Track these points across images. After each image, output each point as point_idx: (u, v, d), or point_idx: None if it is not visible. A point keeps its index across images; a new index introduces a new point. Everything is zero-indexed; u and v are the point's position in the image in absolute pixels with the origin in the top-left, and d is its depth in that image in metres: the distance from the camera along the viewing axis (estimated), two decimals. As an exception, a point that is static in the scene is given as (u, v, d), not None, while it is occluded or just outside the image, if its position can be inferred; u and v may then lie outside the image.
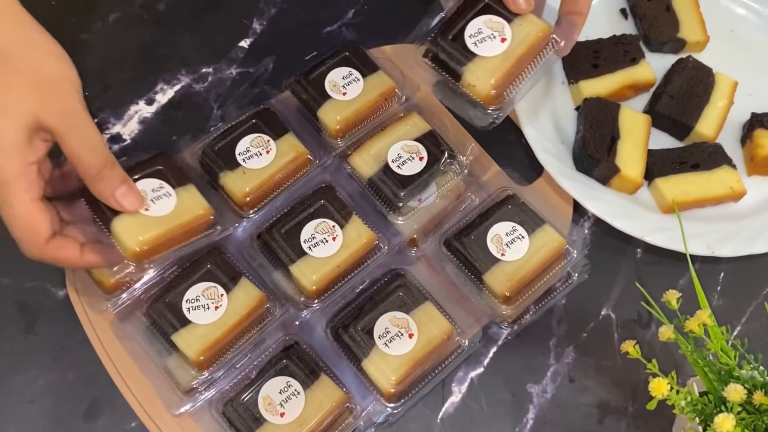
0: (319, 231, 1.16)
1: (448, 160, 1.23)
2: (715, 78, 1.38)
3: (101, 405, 1.12)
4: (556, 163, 1.30)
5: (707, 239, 1.27)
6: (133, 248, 1.05)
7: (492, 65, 1.08)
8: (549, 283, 1.18)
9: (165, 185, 1.11)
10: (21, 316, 1.17)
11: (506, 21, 1.10)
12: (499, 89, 1.08)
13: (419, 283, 1.17)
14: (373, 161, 1.22)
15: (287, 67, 1.39)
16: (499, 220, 1.18)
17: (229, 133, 1.24)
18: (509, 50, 1.09)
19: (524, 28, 1.09)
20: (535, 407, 1.17)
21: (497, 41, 1.09)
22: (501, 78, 1.08)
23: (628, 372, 1.19)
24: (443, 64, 1.10)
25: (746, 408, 0.93)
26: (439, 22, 1.13)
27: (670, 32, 1.45)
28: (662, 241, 1.25)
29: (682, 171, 1.31)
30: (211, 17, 1.47)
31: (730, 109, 1.38)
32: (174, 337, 1.08)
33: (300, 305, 1.15)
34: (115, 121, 1.34)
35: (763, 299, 1.27)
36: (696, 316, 0.95)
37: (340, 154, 1.26)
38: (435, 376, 1.12)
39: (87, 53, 1.41)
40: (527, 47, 1.09)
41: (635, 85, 1.40)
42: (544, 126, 1.35)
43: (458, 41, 1.09)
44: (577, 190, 1.28)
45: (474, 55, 1.08)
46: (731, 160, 1.32)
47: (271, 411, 1.05)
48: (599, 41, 1.42)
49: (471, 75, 1.08)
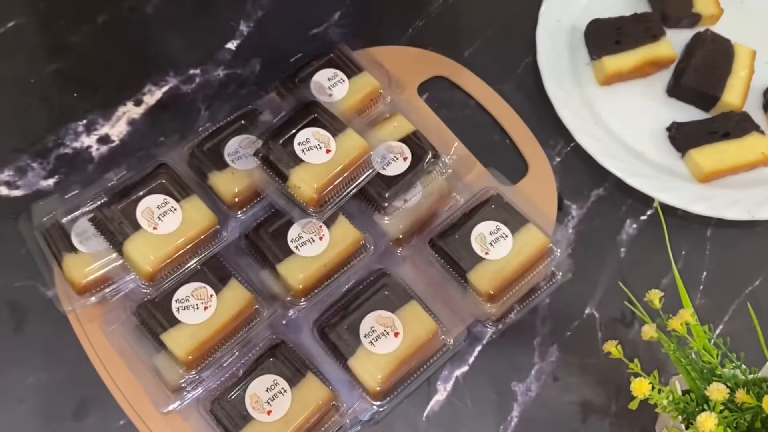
0: (306, 231, 1.17)
1: (432, 160, 1.24)
2: (734, 49, 1.44)
3: (90, 403, 1.13)
4: (595, 143, 1.37)
5: (746, 204, 1.32)
6: (146, 269, 1.09)
7: (317, 171, 1.14)
8: (533, 282, 1.18)
9: (169, 200, 1.13)
10: (10, 315, 1.18)
11: (332, 135, 1.17)
12: (322, 193, 1.14)
13: (405, 282, 1.17)
14: (358, 162, 1.23)
15: (274, 68, 1.40)
16: (483, 219, 1.19)
17: (217, 134, 1.24)
18: (333, 160, 1.15)
19: (347, 144, 1.18)
20: (519, 405, 1.17)
21: (323, 151, 1.15)
22: (324, 184, 1.14)
23: (611, 370, 1.19)
24: (272, 165, 1.15)
25: (728, 406, 0.93)
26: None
27: (685, 8, 1.51)
28: (705, 209, 1.31)
29: (713, 141, 1.36)
30: (198, 19, 1.47)
31: (752, 78, 1.44)
32: (163, 336, 1.08)
33: (287, 304, 1.15)
34: (104, 122, 1.34)
35: (746, 298, 1.27)
36: (679, 315, 0.96)
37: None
38: (420, 375, 1.12)
39: (75, 55, 1.41)
40: (349, 160, 1.17)
41: (656, 61, 1.45)
42: (578, 108, 1.41)
43: (287, 147, 1.16)
44: (619, 168, 1.34)
45: (301, 160, 1.14)
46: (759, 127, 1.37)
47: (258, 409, 1.05)
48: (621, 18, 1.48)
49: (297, 177, 1.13)
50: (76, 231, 1.15)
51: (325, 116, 1.19)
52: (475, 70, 1.44)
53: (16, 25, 1.44)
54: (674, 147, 1.39)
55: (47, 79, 1.39)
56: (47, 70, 1.40)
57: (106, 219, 1.11)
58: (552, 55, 1.46)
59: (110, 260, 1.12)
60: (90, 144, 1.32)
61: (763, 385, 0.96)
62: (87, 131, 1.34)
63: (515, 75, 1.46)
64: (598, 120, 1.41)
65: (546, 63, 1.44)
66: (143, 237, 1.10)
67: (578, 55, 1.49)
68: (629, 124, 1.41)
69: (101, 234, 1.11)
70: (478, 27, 1.52)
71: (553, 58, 1.45)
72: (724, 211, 1.30)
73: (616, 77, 1.44)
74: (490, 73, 1.44)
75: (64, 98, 1.37)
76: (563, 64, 1.46)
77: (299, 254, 1.15)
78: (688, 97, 1.43)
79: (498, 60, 1.48)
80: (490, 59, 1.48)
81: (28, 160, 1.30)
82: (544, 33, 1.48)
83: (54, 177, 1.29)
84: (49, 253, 1.15)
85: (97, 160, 1.31)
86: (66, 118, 1.35)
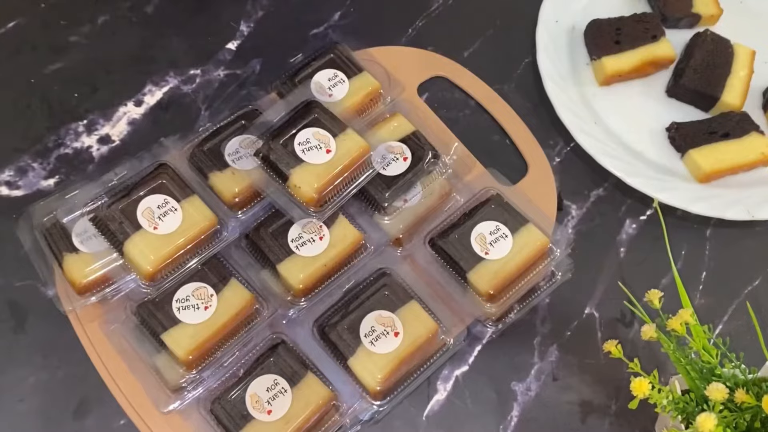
0: (306, 231, 1.17)
1: (432, 160, 1.24)
2: (733, 49, 1.45)
3: (90, 403, 1.13)
4: (594, 144, 1.36)
5: (745, 204, 1.32)
6: (147, 269, 1.09)
7: (317, 171, 1.15)
8: (533, 282, 1.18)
9: (170, 200, 1.13)
10: (11, 315, 1.18)
11: (332, 135, 1.18)
12: (322, 194, 1.14)
13: (405, 282, 1.17)
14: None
15: (274, 68, 1.40)
16: (482, 219, 1.20)
17: (217, 134, 1.25)
18: (333, 160, 1.16)
19: (347, 144, 1.18)
20: (519, 405, 1.17)
21: (323, 151, 1.16)
22: (324, 184, 1.15)
23: (611, 370, 1.19)
24: (272, 165, 1.16)
25: (728, 406, 0.93)
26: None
27: (684, 8, 1.51)
28: (704, 209, 1.31)
29: (713, 141, 1.36)
30: (198, 20, 1.48)
31: (751, 78, 1.44)
32: (163, 336, 1.08)
33: (287, 304, 1.15)
34: (104, 123, 1.35)
35: (745, 298, 1.27)
36: (678, 315, 0.96)
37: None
38: (420, 374, 1.12)
39: (76, 55, 1.41)
40: (349, 160, 1.17)
41: (656, 61, 1.45)
42: (578, 108, 1.41)
43: (288, 147, 1.16)
44: (618, 168, 1.34)
45: (301, 160, 1.14)
46: (759, 127, 1.37)
47: (258, 409, 1.06)
48: (621, 19, 1.48)
49: (297, 177, 1.13)
50: (77, 231, 1.15)
51: (325, 116, 1.19)
52: (475, 70, 1.44)
53: (16, 25, 1.44)
54: (674, 147, 1.39)
55: (47, 79, 1.39)
56: (47, 70, 1.40)
57: (107, 219, 1.11)
58: (552, 55, 1.46)
59: (111, 260, 1.12)
60: (90, 144, 1.33)
61: (763, 385, 0.96)
62: (87, 131, 1.34)
63: (515, 75, 1.46)
64: (597, 120, 1.41)
65: (546, 63, 1.44)
66: (144, 237, 1.10)
67: (578, 56, 1.49)
68: (629, 125, 1.42)
69: (102, 234, 1.12)
70: (478, 27, 1.52)
71: (553, 58, 1.46)
72: (723, 211, 1.30)
73: (615, 77, 1.44)
74: (490, 73, 1.44)
75: (65, 98, 1.37)
76: (563, 64, 1.46)
77: (299, 254, 1.15)
78: (687, 97, 1.44)
79: (498, 60, 1.48)
80: (490, 59, 1.48)
81: (28, 160, 1.30)
82: (544, 33, 1.48)
83: (54, 177, 1.29)
84: (49, 253, 1.15)
85: (97, 160, 1.31)
86: (66, 118, 1.35)
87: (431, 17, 1.52)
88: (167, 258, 1.10)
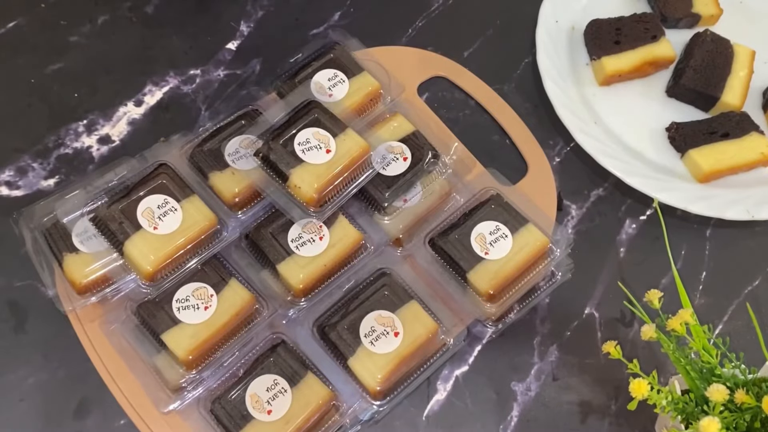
0: (306, 231, 1.17)
1: (432, 160, 1.24)
2: (733, 49, 1.45)
3: (91, 403, 1.13)
4: (594, 143, 1.36)
5: (745, 204, 1.32)
6: (147, 269, 1.09)
7: (317, 171, 1.15)
8: (532, 282, 1.18)
9: (170, 200, 1.13)
10: (11, 314, 1.18)
11: (332, 135, 1.18)
12: (322, 194, 1.14)
13: (405, 282, 1.17)
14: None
15: (274, 68, 1.40)
16: (482, 219, 1.20)
17: (217, 134, 1.25)
18: (333, 160, 1.16)
19: (347, 144, 1.18)
20: (519, 405, 1.18)
21: (323, 151, 1.16)
22: (324, 184, 1.15)
23: (611, 370, 1.19)
24: (272, 165, 1.16)
25: (728, 407, 0.93)
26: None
27: (684, 8, 1.51)
28: (704, 209, 1.31)
29: (712, 141, 1.36)
30: (198, 20, 1.48)
31: (751, 78, 1.44)
32: (163, 336, 1.08)
33: (287, 304, 1.15)
34: (104, 123, 1.35)
35: (745, 298, 1.28)
36: (678, 315, 0.96)
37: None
38: (420, 374, 1.12)
39: (76, 55, 1.42)
40: (349, 160, 1.17)
41: (656, 61, 1.45)
42: (578, 108, 1.41)
43: (288, 147, 1.16)
44: (618, 168, 1.34)
45: (301, 160, 1.15)
46: (758, 127, 1.37)
47: (258, 409, 1.06)
48: (620, 19, 1.48)
49: (297, 177, 1.14)
50: (77, 231, 1.15)
51: (325, 116, 1.19)
52: (475, 70, 1.44)
53: (17, 25, 1.44)
54: (674, 147, 1.39)
55: (47, 79, 1.39)
56: (47, 70, 1.40)
57: (107, 219, 1.11)
58: (552, 55, 1.46)
59: (111, 260, 1.12)
60: (90, 144, 1.33)
61: (763, 385, 0.96)
62: (87, 131, 1.34)
63: (515, 75, 1.47)
64: (597, 120, 1.41)
65: (546, 63, 1.44)
66: (144, 237, 1.10)
67: (578, 55, 1.49)
68: (629, 124, 1.42)
69: (102, 234, 1.12)
70: (478, 27, 1.52)
71: (553, 58, 1.46)
72: (723, 210, 1.30)
73: (615, 77, 1.44)
74: (490, 73, 1.44)
75: (65, 98, 1.37)
76: (563, 64, 1.46)
77: (299, 254, 1.15)
78: (687, 97, 1.44)
79: (498, 60, 1.48)
80: (490, 59, 1.48)
81: (28, 160, 1.30)
82: (543, 33, 1.48)
83: (54, 177, 1.29)
84: (49, 253, 1.15)
85: (97, 160, 1.32)
86: (66, 118, 1.35)
87: (431, 17, 1.52)
88: (167, 258, 1.10)
